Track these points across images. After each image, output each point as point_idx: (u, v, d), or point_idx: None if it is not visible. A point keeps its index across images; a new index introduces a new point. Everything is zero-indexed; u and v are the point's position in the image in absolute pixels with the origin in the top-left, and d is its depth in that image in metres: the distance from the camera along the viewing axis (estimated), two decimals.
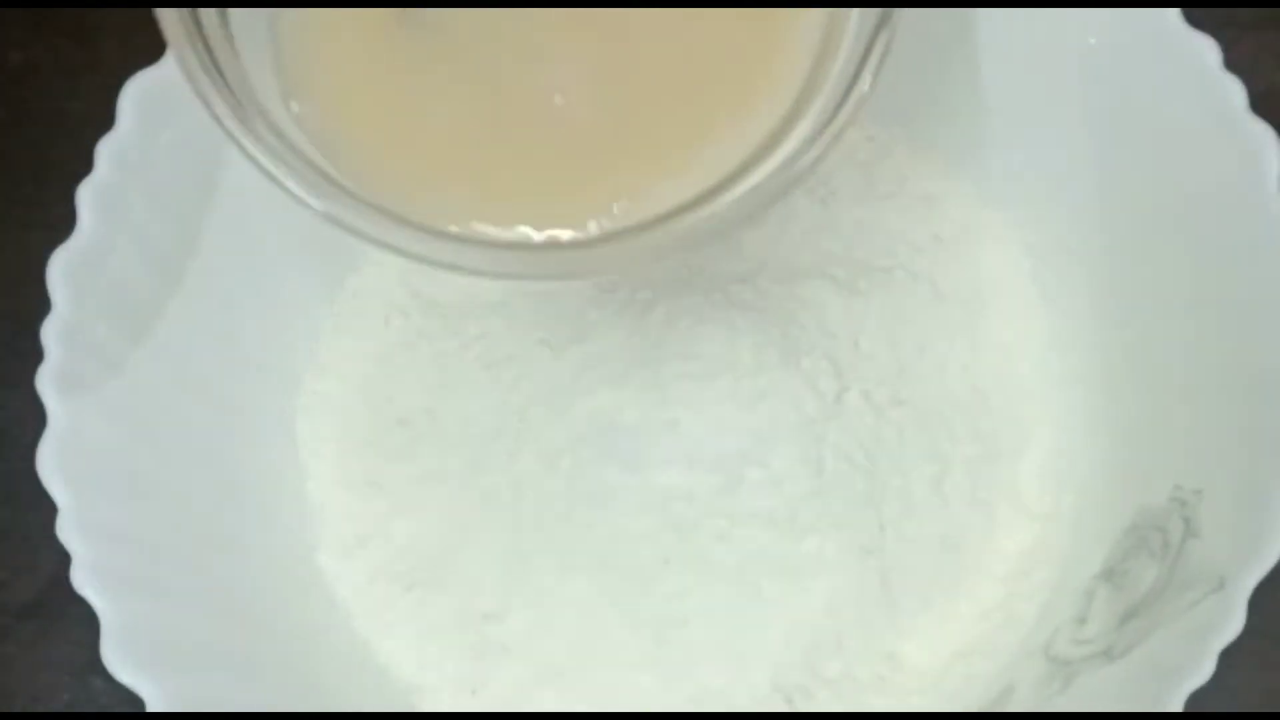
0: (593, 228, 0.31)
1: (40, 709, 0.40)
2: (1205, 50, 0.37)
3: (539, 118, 0.31)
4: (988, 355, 0.42)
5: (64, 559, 0.34)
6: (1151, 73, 0.38)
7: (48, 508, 0.34)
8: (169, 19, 0.29)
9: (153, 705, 0.34)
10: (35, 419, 0.35)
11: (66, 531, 0.34)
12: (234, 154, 0.39)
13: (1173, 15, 0.37)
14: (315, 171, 0.30)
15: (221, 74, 0.30)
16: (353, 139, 0.31)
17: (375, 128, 0.32)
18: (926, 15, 0.41)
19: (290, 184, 0.29)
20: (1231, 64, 0.36)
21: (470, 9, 0.32)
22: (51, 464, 0.35)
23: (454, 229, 0.30)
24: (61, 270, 0.36)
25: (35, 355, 0.35)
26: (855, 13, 0.31)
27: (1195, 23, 0.37)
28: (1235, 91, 0.36)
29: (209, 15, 0.30)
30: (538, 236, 0.31)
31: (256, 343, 0.41)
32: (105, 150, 0.36)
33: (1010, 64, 0.40)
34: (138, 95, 0.36)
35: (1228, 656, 0.33)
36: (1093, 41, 0.39)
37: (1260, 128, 0.36)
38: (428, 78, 0.32)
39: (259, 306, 0.41)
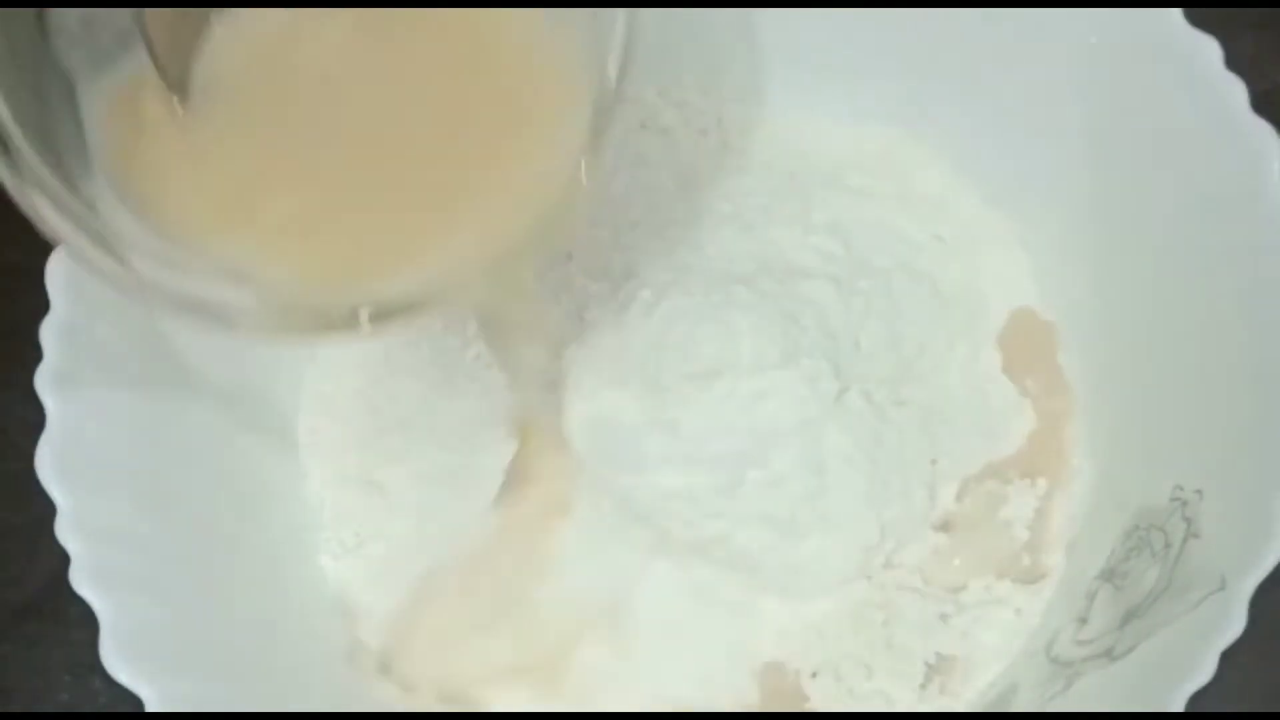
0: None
1: (40, 709, 0.40)
2: (1206, 50, 0.37)
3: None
4: (988, 355, 0.42)
5: (64, 559, 0.34)
6: (1152, 72, 0.38)
7: (48, 508, 0.34)
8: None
9: (151, 705, 0.33)
10: (35, 419, 0.35)
11: (65, 532, 0.34)
12: None
13: (1174, 15, 0.37)
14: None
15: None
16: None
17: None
18: (927, 15, 0.41)
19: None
20: (1232, 64, 0.36)
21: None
22: (51, 464, 0.35)
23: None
24: (61, 270, 0.35)
25: (35, 355, 0.35)
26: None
27: (1196, 23, 0.37)
28: (1236, 91, 0.36)
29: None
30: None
31: (256, 342, 0.41)
32: None
33: (1011, 64, 0.40)
34: None
35: (1228, 656, 0.33)
36: (1093, 41, 0.39)
37: (1261, 128, 0.36)
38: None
39: None
